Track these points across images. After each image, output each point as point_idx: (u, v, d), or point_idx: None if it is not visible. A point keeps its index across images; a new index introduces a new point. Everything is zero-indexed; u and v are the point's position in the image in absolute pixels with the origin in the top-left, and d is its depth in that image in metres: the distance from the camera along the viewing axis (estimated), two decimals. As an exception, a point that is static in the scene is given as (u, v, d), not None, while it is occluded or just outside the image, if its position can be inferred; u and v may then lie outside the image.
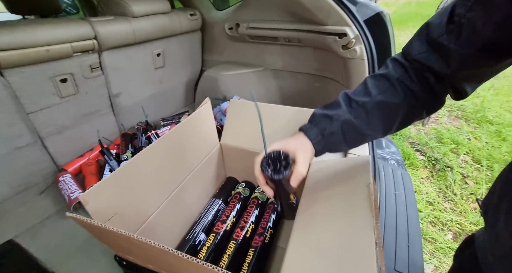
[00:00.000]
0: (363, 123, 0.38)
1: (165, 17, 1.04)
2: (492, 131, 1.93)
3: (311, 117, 0.43)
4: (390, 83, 0.38)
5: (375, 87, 0.38)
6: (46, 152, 0.86)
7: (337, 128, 0.39)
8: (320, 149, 0.40)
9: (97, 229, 0.32)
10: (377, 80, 0.39)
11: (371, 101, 0.38)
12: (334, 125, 0.39)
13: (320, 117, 0.41)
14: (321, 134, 0.40)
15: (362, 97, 0.39)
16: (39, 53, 0.71)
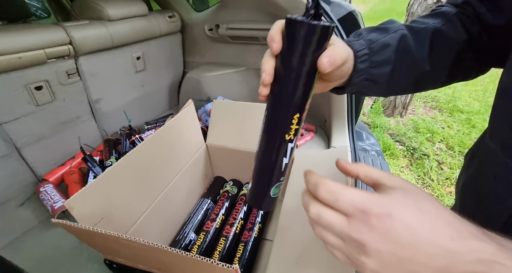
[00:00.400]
0: (420, 46, 0.30)
1: (143, 20, 1.03)
2: (463, 119, 2.07)
3: (352, 35, 0.33)
4: (447, 19, 0.31)
5: (430, 21, 0.32)
6: (24, 163, 0.82)
7: (393, 40, 0.30)
8: (360, 69, 0.29)
9: (85, 233, 0.33)
10: (430, 17, 0.33)
11: (429, 28, 0.31)
12: (390, 36, 0.30)
13: (369, 31, 0.31)
14: (368, 48, 0.29)
15: (417, 25, 0.32)
16: (11, 61, 0.68)
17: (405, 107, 2.19)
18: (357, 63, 0.29)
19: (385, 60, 0.30)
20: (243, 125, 0.70)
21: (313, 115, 1.02)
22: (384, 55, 0.30)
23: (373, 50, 0.29)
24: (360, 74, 0.29)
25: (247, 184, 0.75)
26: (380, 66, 0.30)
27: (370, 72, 0.30)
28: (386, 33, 0.31)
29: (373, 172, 0.22)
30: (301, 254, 0.40)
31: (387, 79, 0.31)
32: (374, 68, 0.30)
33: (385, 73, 0.30)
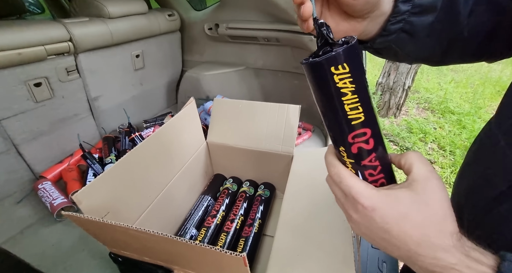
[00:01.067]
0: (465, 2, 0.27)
1: (143, 18, 1.03)
2: (454, 120, 2.12)
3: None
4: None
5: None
6: (21, 160, 0.82)
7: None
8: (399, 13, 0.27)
9: (94, 224, 0.34)
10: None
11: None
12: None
13: None
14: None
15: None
16: (10, 57, 0.68)
17: (399, 108, 2.24)
18: (398, 2, 0.26)
19: (430, 6, 0.27)
20: (243, 123, 0.71)
21: (311, 114, 1.04)
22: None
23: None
24: (399, 20, 0.27)
25: (247, 181, 0.76)
26: (423, 12, 0.27)
27: (410, 20, 0.27)
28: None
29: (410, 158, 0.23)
30: (302, 248, 0.41)
31: (425, 33, 0.28)
32: (415, 15, 0.27)
33: (426, 24, 0.27)
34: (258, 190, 0.73)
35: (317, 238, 0.41)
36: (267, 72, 1.21)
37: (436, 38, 0.29)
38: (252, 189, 0.73)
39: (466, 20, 0.27)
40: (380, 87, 2.23)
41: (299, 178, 0.54)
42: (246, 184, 0.75)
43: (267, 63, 1.18)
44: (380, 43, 0.29)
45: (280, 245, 0.42)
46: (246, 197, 0.69)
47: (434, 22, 0.27)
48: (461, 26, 0.28)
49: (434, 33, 0.28)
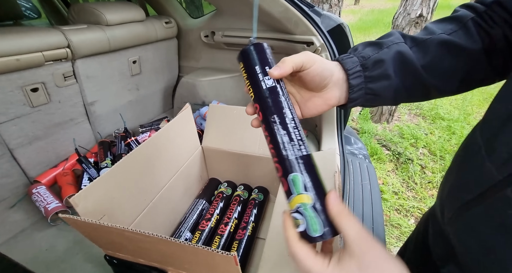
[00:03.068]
0: (422, 58, 0.30)
1: (140, 25, 1.06)
2: (444, 126, 2.18)
3: (351, 49, 0.33)
4: (461, 24, 0.30)
5: (440, 28, 0.30)
6: (16, 164, 0.82)
7: (387, 55, 0.30)
8: (355, 85, 0.30)
9: (90, 226, 0.35)
10: (442, 23, 0.31)
11: (434, 38, 0.30)
12: (383, 52, 0.30)
13: (364, 46, 0.32)
14: (360, 65, 0.30)
15: (421, 35, 0.31)
16: (9, 62, 0.69)
17: (392, 114, 2.29)
18: (349, 80, 0.30)
19: (381, 75, 0.30)
20: (237, 128, 0.73)
21: (305, 120, 1.07)
22: (378, 70, 0.30)
23: (365, 66, 0.30)
24: (357, 89, 0.30)
25: (241, 185, 0.77)
26: (377, 80, 0.30)
27: (368, 87, 0.31)
28: (379, 49, 0.31)
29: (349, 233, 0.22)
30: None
31: (391, 91, 0.31)
32: (370, 83, 0.31)
33: (386, 86, 0.31)
34: (252, 193, 0.74)
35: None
36: (262, 78, 1.24)
37: (404, 91, 0.31)
38: (246, 193, 0.74)
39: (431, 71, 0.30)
40: (373, 93, 2.28)
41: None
42: (240, 188, 0.76)
43: (261, 70, 1.21)
44: (353, 105, 0.32)
45: (271, 247, 0.44)
46: (240, 201, 0.71)
47: (395, 83, 0.30)
48: (425, 77, 0.30)
49: (401, 89, 0.31)
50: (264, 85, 0.27)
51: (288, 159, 0.25)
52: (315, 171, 0.25)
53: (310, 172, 0.25)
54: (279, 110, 0.26)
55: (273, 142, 0.26)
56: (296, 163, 0.25)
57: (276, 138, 0.26)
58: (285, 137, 0.25)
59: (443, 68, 0.30)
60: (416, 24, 1.86)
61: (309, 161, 0.25)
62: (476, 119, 2.36)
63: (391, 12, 7.77)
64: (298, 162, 0.25)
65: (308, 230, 0.23)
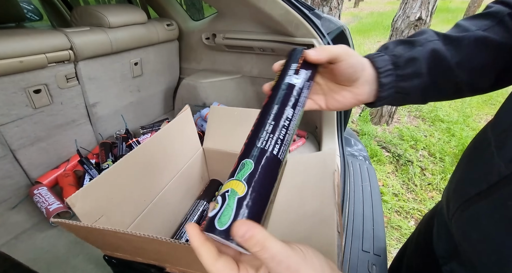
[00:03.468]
0: (457, 55, 0.28)
1: (142, 28, 1.07)
2: (443, 128, 2.19)
3: (381, 47, 0.32)
4: (498, 20, 0.28)
5: (474, 25, 0.29)
6: (18, 165, 0.82)
7: (421, 53, 0.29)
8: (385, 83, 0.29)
9: (84, 229, 0.35)
10: (475, 19, 0.30)
11: (469, 36, 0.28)
12: (417, 50, 0.29)
13: (396, 44, 0.31)
14: (392, 63, 0.29)
15: (455, 33, 0.30)
16: (12, 64, 0.70)
17: (391, 116, 2.30)
18: (380, 78, 0.29)
19: (413, 73, 0.29)
20: (239, 129, 0.74)
21: (305, 122, 1.08)
22: (411, 68, 0.29)
23: (397, 65, 0.29)
24: (387, 88, 0.29)
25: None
26: (408, 79, 0.29)
27: (399, 85, 0.29)
28: (412, 47, 0.29)
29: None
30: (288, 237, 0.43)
31: (421, 90, 0.30)
32: (402, 81, 0.29)
33: (416, 85, 0.29)
34: (252, 195, 0.74)
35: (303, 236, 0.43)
36: (262, 80, 1.25)
37: (436, 90, 0.30)
38: (246, 194, 0.75)
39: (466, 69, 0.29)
40: (373, 95, 2.30)
41: (291, 181, 0.56)
42: (241, 189, 0.76)
43: (262, 72, 1.22)
44: (382, 104, 0.31)
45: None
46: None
47: (426, 82, 0.29)
48: (459, 76, 0.29)
49: (432, 88, 0.30)
50: (289, 79, 0.26)
51: (256, 146, 0.23)
52: (270, 178, 0.22)
53: (265, 172, 0.22)
54: (283, 105, 0.25)
55: (256, 126, 0.25)
56: (259, 154, 0.22)
57: (261, 124, 0.24)
58: (269, 127, 0.24)
59: (479, 65, 0.29)
60: (416, 26, 1.87)
61: (273, 164, 0.23)
62: (475, 121, 2.37)
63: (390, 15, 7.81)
64: (262, 154, 0.22)
65: (216, 219, 0.20)
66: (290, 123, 0.25)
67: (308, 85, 0.27)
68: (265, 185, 0.22)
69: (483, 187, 0.26)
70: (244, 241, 0.18)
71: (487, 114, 2.54)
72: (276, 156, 0.23)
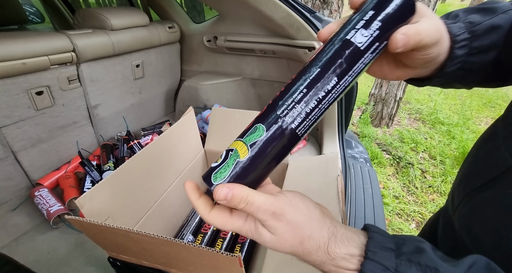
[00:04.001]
0: None
1: (144, 30, 1.07)
2: (444, 130, 2.19)
3: (445, 15, 0.27)
4: None
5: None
6: (19, 167, 0.82)
7: (504, 21, 0.25)
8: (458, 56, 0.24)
9: (96, 228, 0.35)
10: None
11: None
12: (498, 17, 0.25)
13: (468, 12, 0.26)
14: (469, 31, 0.24)
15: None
16: (15, 66, 0.70)
17: (391, 118, 2.30)
18: (454, 49, 0.24)
19: (490, 45, 0.25)
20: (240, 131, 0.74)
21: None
22: (490, 39, 0.24)
23: (475, 34, 0.24)
24: (456, 62, 0.24)
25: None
26: (482, 52, 0.25)
27: (468, 60, 0.25)
28: (493, 14, 0.25)
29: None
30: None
31: (486, 68, 0.26)
32: (473, 56, 0.25)
33: (486, 61, 0.25)
34: (254, 197, 0.74)
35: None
36: (263, 82, 1.25)
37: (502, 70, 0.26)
38: (248, 196, 0.75)
39: None
40: (373, 98, 2.30)
41: (293, 184, 0.56)
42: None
43: (263, 74, 1.23)
44: (437, 82, 0.27)
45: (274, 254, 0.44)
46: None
47: (498, 58, 0.25)
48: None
49: (499, 66, 0.26)
50: (350, 34, 0.19)
51: (276, 113, 0.20)
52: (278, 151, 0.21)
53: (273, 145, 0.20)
54: (326, 70, 0.20)
55: (286, 88, 0.21)
56: (275, 123, 0.20)
57: (291, 87, 0.21)
58: (298, 95, 0.20)
59: None
60: (415, 30, 1.88)
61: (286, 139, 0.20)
62: (476, 123, 2.37)
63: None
64: (278, 125, 0.20)
65: (214, 172, 0.21)
66: (327, 96, 0.20)
67: (375, 50, 0.20)
68: (269, 158, 0.21)
69: (488, 178, 0.26)
70: (228, 202, 0.20)
71: (487, 116, 2.54)
72: (295, 130, 0.20)
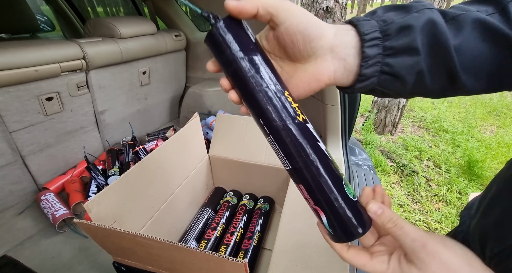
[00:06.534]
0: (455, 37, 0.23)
1: (151, 38, 1.10)
2: (448, 138, 2.18)
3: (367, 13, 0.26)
4: (500, 7, 0.23)
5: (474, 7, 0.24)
6: (26, 171, 0.84)
7: (417, 22, 0.23)
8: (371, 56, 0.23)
9: (104, 232, 0.36)
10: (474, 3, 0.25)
11: (468, 15, 0.23)
12: (412, 17, 0.23)
13: (386, 10, 0.25)
14: (380, 31, 0.23)
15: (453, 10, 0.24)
16: (28, 73, 0.73)
17: (395, 125, 2.30)
18: (364, 47, 0.22)
19: (406, 47, 0.23)
20: (244, 137, 0.75)
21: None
22: (404, 39, 0.22)
23: (387, 33, 0.23)
24: (372, 63, 0.23)
25: (247, 195, 0.78)
26: (399, 53, 0.23)
27: (387, 62, 0.23)
28: (407, 13, 0.23)
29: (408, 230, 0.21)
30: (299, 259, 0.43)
31: (413, 74, 0.23)
32: (390, 57, 0.23)
33: (408, 65, 0.23)
34: (257, 203, 0.74)
35: (313, 249, 0.43)
36: (267, 89, 1.27)
37: (429, 76, 0.24)
38: (252, 202, 0.75)
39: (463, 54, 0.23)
40: (376, 105, 2.30)
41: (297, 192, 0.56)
42: (246, 197, 0.76)
43: (267, 82, 1.25)
44: (361, 88, 0.24)
45: (279, 258, 0.44)
46: (246, 210, 0.71)
47: (420, 62, 0.23)
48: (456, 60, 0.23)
49: (423, 74, 0.24)
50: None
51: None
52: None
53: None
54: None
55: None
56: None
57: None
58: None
59: (479, 53, 0.23)
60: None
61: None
62: (481, 132, 2.35)
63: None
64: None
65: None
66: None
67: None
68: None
69: None
70: (378, 217, 0.22)
71: (492, 125, 2.52)
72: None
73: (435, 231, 1.32)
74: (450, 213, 1.42)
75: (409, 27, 0.23)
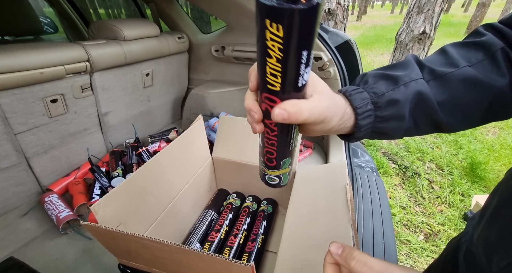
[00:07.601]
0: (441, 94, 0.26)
1: (155, 40, 1.11)
2: (450, 140, 2.17)
3: (359, 78, 0.29)
4: (489, 54, 0.25)
5: (463, 58, 0.26)
6: (31, 173, 0.84)
7: (404, 95, 0.26)
8: (363, 125, 0.26)
9: (109, 234, 0.36)
10: (465, 48, 0.27)
11: (456, 74, 0.26)
12: (400, 91, 0.26)
13: (376, 79, 0.27)
14: (372, 103, 0.26)
15: (442, 66, 0.26)
16: (33, 76, 0.73)
17: (396, 127, 2.29)
18: (358, 120, 0.26)
19: (394, 116, 0.26)
20: (247, 139, 0.75)
21: (311, 132, 1.08)
22: (391, 111, 0.26)
23: (377, 105, 0.26)
24: (364, 129, 0.27)
25: (250, 197, 0.78)
26: (387, 121, 0.27)
27: (377, 126, 0.27)
28: (395, 85, 0.26)
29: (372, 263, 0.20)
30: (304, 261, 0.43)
31: (400, 130, 0.28)
32: (381, 123, 0.27)
33: (396, 127, 0.27)
34: (261, 205, 0.74)
35: (318, 252, 0.43)
36: (269, 91, 1.27)
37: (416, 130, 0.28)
38: (255, 204, 0.75)
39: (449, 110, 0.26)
40: (378, 106, 2.31)
41: (301, 194, 0.57)
42: (249, 199, 0.76)
43: (269, 83, 1.25)
44: (358, 138, 0.28)
45: (284, 260, 0.44)
46: (249, 212, 0.71)
47: (407, 123, 0.27)
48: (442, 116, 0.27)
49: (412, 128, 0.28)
50: (301, 82, 0.19)
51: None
52: None
53: None
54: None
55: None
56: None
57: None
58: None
59: (463, 107, 0.26)
60: (420, 40, 1.91)
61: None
62: (483, 134, 2.34)
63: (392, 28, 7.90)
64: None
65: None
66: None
67: None
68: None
69: None
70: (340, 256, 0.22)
71: (494, 127, 2.51)
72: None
73: (438, 233, 1.32)
74: (453, 215, 1.41)
75: (397, 101, 0.26)
